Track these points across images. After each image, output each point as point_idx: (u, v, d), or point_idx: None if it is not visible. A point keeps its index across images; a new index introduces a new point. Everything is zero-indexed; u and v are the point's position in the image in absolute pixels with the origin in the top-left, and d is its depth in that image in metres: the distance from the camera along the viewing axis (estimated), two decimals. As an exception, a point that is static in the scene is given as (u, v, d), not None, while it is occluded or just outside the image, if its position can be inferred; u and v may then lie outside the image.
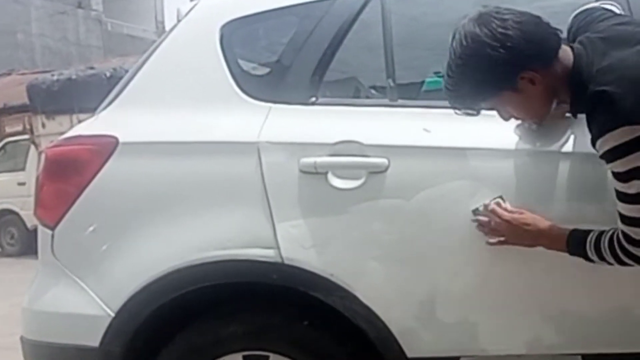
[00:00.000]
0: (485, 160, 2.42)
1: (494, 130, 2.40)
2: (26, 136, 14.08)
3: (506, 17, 2.15)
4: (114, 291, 2.60)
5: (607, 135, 2.04)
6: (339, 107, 2.62)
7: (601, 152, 2.07)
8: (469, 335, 2.49)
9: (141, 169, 2.65)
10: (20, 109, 14.84)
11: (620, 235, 2.14)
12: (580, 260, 2.28)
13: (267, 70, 2.86)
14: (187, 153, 2.62)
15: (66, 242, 2.69)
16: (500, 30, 2.13)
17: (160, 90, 2.75)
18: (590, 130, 2.10)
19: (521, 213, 2.33)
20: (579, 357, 2.51)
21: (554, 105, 2.28)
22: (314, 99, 2.61)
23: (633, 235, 2.11)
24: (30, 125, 13.43)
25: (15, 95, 15.50)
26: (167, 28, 3.39)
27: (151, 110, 2.71)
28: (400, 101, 2.60)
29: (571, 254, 2.26)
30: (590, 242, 2.21)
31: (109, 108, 2.80)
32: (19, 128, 15.02)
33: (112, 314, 2.58)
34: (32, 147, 13.45)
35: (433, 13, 2.50)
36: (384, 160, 2.48)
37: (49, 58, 24.31)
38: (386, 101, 2.63)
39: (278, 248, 2.51)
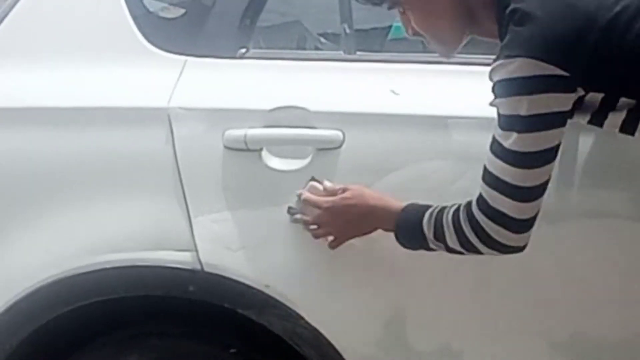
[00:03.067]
0: (473, 133, 2.33)
1: (485, 93, 2.21)
2: None
3: None
4: (-29, 312, 2.55)
5: (502, 61, 1.99)
6: (277, 62, 2.57)
7: (495, 78, 2.02)
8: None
9: (11, 145, 2.57)
10: None
11: (474, 201, 2.09)
12: (602, 268, 2.24)
13: (180, 11, 2.75)
14: (72, 123, 2.54)
15: None
16: None
17: (37, 38, 2.66)
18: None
19: (344, 191, 2.32)
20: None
21: (466, 32, 2.22)
22: (243, 50, 2.55)
23: (489, 201, 2.05)
24: None
25: None
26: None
27: (24, 65, 2.63)
28: (359, 54, 2.56)
29: (398, 230, 2.24)
30: (432, 214, 2.17)
31: (-34, 64, 2.68)
32: None
33: (-29, 341, 2.54)
34: None
35: None
36: (338, 133, 2.39)
37: None
38: (340, 53, 2.60)
39: (195, 250, 2.44)
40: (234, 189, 2.45)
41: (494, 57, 2.06)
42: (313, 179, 2.35)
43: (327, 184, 2.34)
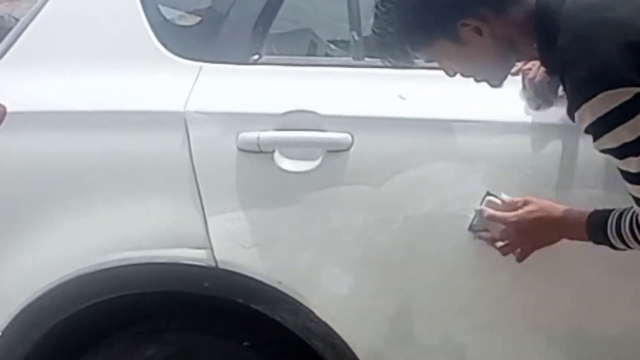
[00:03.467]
0: (477, 136, 2.35)
1: (491, 96, 2.31)
2: None
3: None
4: (-1, 305, 2.57)
5: (585, 106, 1.89)
6: (289, 68, 2.58)
7: (582, 127, 1.94)
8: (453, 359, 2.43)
9: (35, 147, 2.57)
10: None
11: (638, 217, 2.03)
12: (599, 265, 2.24)
13: (196, 19, 2.80)
14: (93, 126, 2.56)
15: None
16: None
17: (59, 46, 2.69)
18: (567, 96, 1.97)
19: (526, 204, 2.22)
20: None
21: (512, 62, 2.17)
22: (256, 56, 2.56)
23: None
24: None
25: None
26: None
27: (48, 71, 2.65)
28: (367, 60, 2.54)
29: (595, 242, 2.14)
30: (612, 225, 2.10)
31: (-7, 68, 2.69)
32: None
33: (-2, 333, 2.56)
34: None
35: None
36: (346, 136, 2.40)
37: None
38: (349, 60, 2.59)
39: (210, 248, 2.45)
40: (247, 190, 2.45)
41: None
42: (489, 193, 2.27)
43: (506, 197, 2.25)
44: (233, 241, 2.45)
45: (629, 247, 2.09)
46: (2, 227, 2.59)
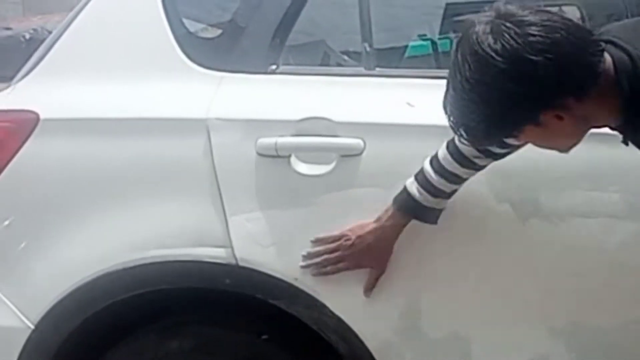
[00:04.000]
0: None
1: None
2: None
3: (533, 32, 1.83)
4: (34, 299, 2.58)
5: None
6: (304, 77, 2.59)
7: None
8: (461, 352, 2.45)
9: (66, 152, 2.60)
10: None
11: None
12: (597, 262, 2.26)
13: (217, 32, 2.82)
14: (121, 132, 2.58)
15: (-24, 240, 2.63)
16: (524, 54, 1.82)
17: (89, 57, 2.71)
18: None
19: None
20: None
21: (584, 135, 2.05)
22: (274, 66, 2.56)
23: None
24: None
25: None
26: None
27: (78, 80, 2.66)
28: (378, 69, 2.57)
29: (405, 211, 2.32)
30: (417, 179, 2.30)
31: (27, 77, 2.75)
32: None
33: (32, 326, 2.57)
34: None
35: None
36: (359, 141, 2.42)
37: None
38: (361, 69, 2.60)
39: (231, 247, 2.47)
40: (266, 192, 2.48)
41: None
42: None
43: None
44: (252, 240, 2.47)
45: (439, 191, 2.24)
46: (36, 226, 2.60)
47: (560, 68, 1.83)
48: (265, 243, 2.47)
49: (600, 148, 2.25)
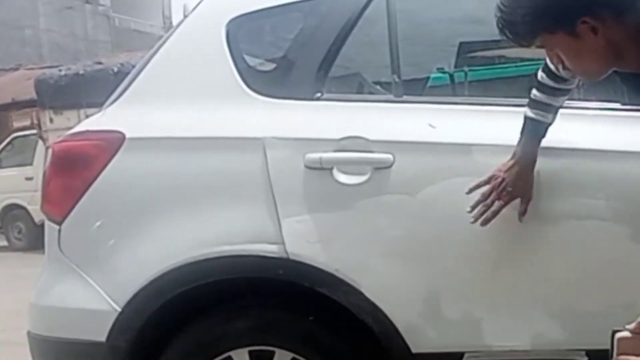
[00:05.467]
0: (491, 156, 2.41)
1: (500, 126, 2.42)
2: (34, 131, 14.07)
3: None
4: (121, 286, 2.61)
5: None
6: (344, 103, 2.63)
7: None
8: (473, 331, 2.49)
9: (147, 165, 2.66)
10: (28, 104, 14.88)
11: None
12: (586, 255, 2.29)
13: (272, 66, 2.86)
14: (193, 149, 2.63)
15: (73, 237, 2.70)
16: None
17: (167, 86, 2.76)
18: None
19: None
20: (583, 353, 2.48)
21: (611, 67, 2.00)
22: (319, 94, 2.62)
23: None
24: (38, 120, 13.42)
25: (23, 91, 15.55)
26: (174, 23, 3.46)
27: (157, 106, 2.72)
28: (405, 97, 2.61)
29: None
30: None
31: (115, 103, 2.81)
32: (27, 123, 15.06)
33: (119, 309, 2.59)
34: (40, 142, 13.47)
35: (438, 9, 2.47)
36: (389, 156, 2.48)
37: (56, 53, 24.29)
38: (391, 97, 2.63)
39: (283, 243, 2.51)
40: (312, 198, 2.53)
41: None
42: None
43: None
44: (301, 238, 2.50)
45: None
46: (123, 226, 2.63)
47: None
48: (312, 240, 2.50)
49: (588, 163, 2.32)
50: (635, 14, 1.86)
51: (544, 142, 2.39)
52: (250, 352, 2.61)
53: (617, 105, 2.47)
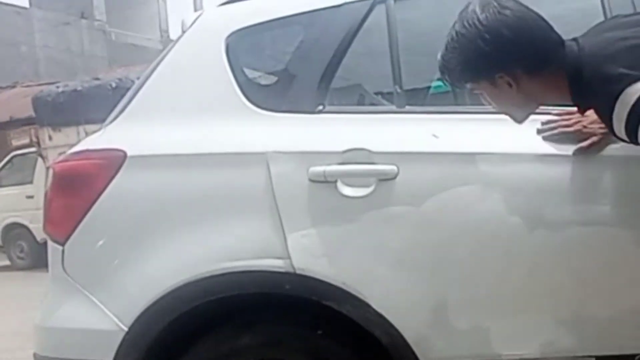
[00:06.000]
0: (494, 165, 2.42)
1: (503, 135, 2.42)
2: (33, 149, 14.08)
3: (508, 14, 2.15)
4: (126, 306, 2.60)
5: (618, 106, 1.99)
6: (346, 115, 2.64)
7: (624, 119, 2.01)
8: (482, 340, 2.49)
9: (150, 182, 2.65)
10: (26, 122, 14.86)
11: None
12: (595, 261, 2.30)
13: (273, 79, 2.87)
14: (195, 165, 2.63)
15: (77, 257, 2.70)
16: (494, 24, 2.14)
17: (167, 102, 2.75)
18: (606, 118, 2.06)
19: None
20: (593, 359, 2.50)
21: (532, 111, 2.28)
22: (321, 107, 2.62)
23: None
24: (37, 137, 13.42)
25: (21, 108, 15.54)
26: (172, 37, 3.48)
27: (158, 123, 2.71)
28: (407, 107, 2.62)
29: None
30: None
31: (116, 121, 2.80)
32: (26, 141, 15.03)
33: (125, 329, 2.58)
34: (40, 160, 13.48)
35: (437, 18, 2.49)
36: (393, 168, 2.48)
37: (53, 69, 24.30)
38: (393, 108, 2.64)
39: (289, 258, 2.51)
40: (317, 212, 2.52)
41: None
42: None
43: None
44: (307, 252, 2.50)
45: None
46: (127, 245, 2.62)
47: (518, 45, 2.14)
48: (318, 254, 2.50)
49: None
50: (549, 69, 2.17)
51: (543, 150, 2.42)
52: (258, 368, 2.60)
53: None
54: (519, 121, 2.30)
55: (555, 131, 2.43)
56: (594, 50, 2.09)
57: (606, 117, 2.06)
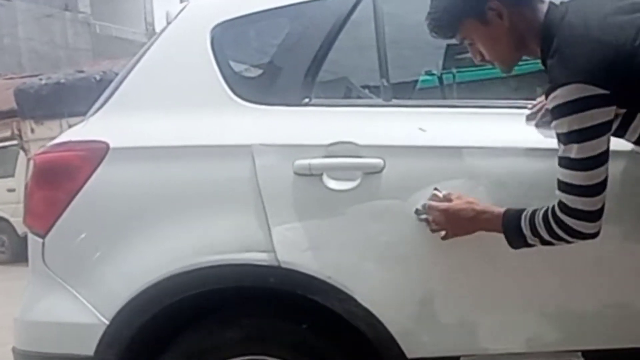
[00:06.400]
0: (481, 159, 2.42)
1: (490, 129, 2.42)
2: (15, 142, 14.01)
3: None
4: (108, 299, 2.59)
5: (559, 90, 2.06)
6: (332, 108, 2.63)
7: (551, 106, 2.10)
8: (468, 334, 2.50)
9: (133, 175, 2.64)
10: (8, 114, 14.73)
11: (556, 206, 2.16)
12: (580, 256, 2.30)
13: (259, 71, 2.86)
14: (179, 157, 2.61)
15: (57, 250, 2.67)
16: None
17: (151, 94, 2.74)
18: (549, 82, 2.13)
19: (458, 198, 2.38)
20: (579, 354, 2.49)
21: (521, 54, 2.31)
22: (307, 100, 2.61)
23: (568, 204, 2.14)
24: (19, 130, 13.38)
25: (3, 101, 15.40)
26: (157, 30, 3.39)
27: (142, 114, 2.69)
28: (394, 101, 2.62)
29: (506, 232, 2.29)
30: (525, 217, 2.24)
31: (98, 113, 2.78)
32: (7, 134, 14.90)
33: (107, 322, 2.57)
34: (21, 152, 13.41)
35: (424, 11, 2.44)
36: (379, 161, 2.48)
37: (36, 62, 24.16)
38: (380, 101, 2.63)
39: (274, 251, 2.50)
40: (302, 205, 2.51)
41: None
42: (435, 189, 2.41)
43: (444, 192, 2.39)
44: (292, 246, 2.50)
45: (540, 238, 2.22)
46: (109, 238, 2.60)
47: None
48: (303, 248, 2.50)
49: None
50: (531, 9, 2.22)
51: (530, 143, 2.42)
52: (242, 363, 2.59)
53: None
54: (508, 67, 2.33)
55: (542, 111, 2.42)
56: (574, 31, 2.12)
57: (549, 91, 2.11)
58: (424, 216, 2.42)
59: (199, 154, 2.60)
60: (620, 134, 2.18)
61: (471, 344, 2.50)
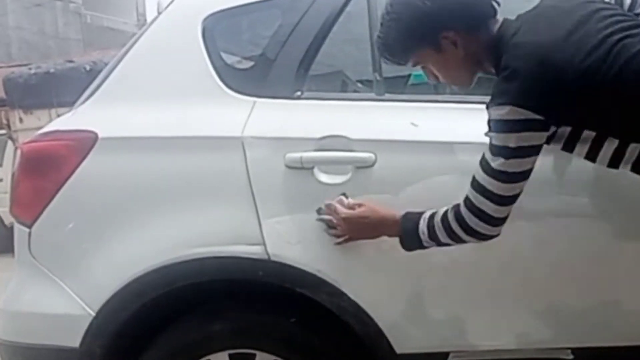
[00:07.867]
0: (473, 154, 2.34)
1: (482, 124, 2.35)
2: (3, 131, 13.88)
3: None
4: (95, 290, 2.58)
5: (496, 107, 2.09)
6: (324, 102, 2.62)
7: (489, 118, 2.13)
8: (458, 331, 2.50)
9: (121, 165, 2.62)
10: (-3, 104, 14.71)
11: (461, 202, 2.19)
12: (570, 254, 2.31)
13: (251, 63, 2.83)
14: (169, 148, 2.60)
15: (44, 241, 2.66)
16: None
17: (141, 84, 2.72)
18: (491, 94, 2.15)
19: (360, 206, 2.40)
20: (569, 351, 2.50)
21: (476, 74, 2.31)
22: (299, 93, 2.60)
23: (475, 202, 2.16)
24: (7, 120, 13.25)
25: (-9, 90, 15.36)
26: (148, 20, 3.35)
27: (131, 105, 2.68)
28: (387, 95, 2.61)
29: (403, 236, 2.32)
30: (425, 218, 2.27)
31: (87, 102, 2.77)
32: (-5, 123, 14.88)
33: (93, 314, 2.56)
34: (9, 142, 13.33)
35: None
36: (371, 155, 2.47)
37: (26, 51, 24.02)
38: (373, 95, 2.63)
39: (264, 244, 2.50)
40: (293, 198, 2.51)
41: (486, 99, 2.14)
42: (343, 194, 2.42)
43: (351, 200, 2.41)
44: (282, 239, 2.49)
45: (435, 240, 2.26)
46: (96, 229, 2.59)
47: (461, 5, 2.20)
48: (293, 241, 2.49)
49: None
50: (485, 31, 2.22)
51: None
52: (230, 355, 2.60)
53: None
54: (468, 84, 2.33)
55: None
56: (518, 51, 2.12)
57: (489, 103, 2.14)
58: (325, 217, 2.44)
59: (189, 145, 2.59)
60: (568, 149, 2.18)
61: (461, 340, 2.51)
